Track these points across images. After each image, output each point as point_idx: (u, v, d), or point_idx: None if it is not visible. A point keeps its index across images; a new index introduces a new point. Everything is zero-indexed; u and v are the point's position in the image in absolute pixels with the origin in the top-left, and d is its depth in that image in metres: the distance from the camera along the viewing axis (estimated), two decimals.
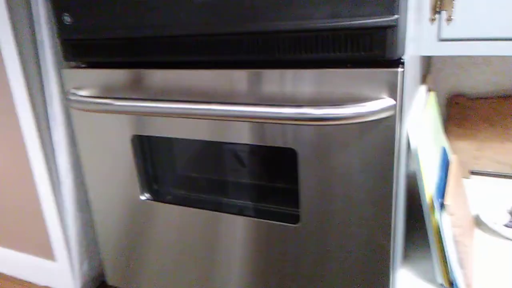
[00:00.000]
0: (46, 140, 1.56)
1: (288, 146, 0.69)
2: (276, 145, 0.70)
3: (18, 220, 1.77)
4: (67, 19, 0.77)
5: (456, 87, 1.10)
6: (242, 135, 0.72)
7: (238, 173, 0.89)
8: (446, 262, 0.74)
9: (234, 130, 0.73)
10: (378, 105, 0.59)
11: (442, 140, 0.93)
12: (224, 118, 0.66)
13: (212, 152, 0.91)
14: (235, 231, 0.81)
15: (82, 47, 0.80)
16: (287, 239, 0.75)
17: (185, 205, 0.84)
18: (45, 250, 1.77)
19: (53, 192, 1.61)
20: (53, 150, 1.58)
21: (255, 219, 0.78)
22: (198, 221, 0.84)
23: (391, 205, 0.65)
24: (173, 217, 0.86)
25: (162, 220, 0.88)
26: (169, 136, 0.79)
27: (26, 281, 1.88)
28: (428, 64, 1.04)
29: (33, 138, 1.53)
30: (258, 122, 0.66)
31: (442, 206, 0.78)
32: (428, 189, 0.73)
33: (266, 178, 0.88)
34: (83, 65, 0.85)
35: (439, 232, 0.74)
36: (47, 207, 1.64)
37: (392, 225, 0.66)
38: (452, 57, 1.09)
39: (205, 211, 0.82)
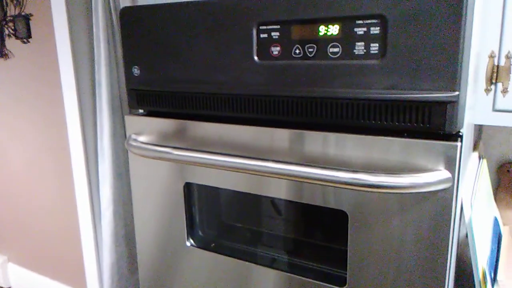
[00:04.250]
0: (93, 174, 1.63)
1: (340, 208, 0.70)
2: (327, 206, 0.71)
3: (57, 248, 1.82)
4: (136, 71, 0.83)
5: (507, 155, 1.08)
6: (293, 193, 0.74)
7: (284, 228, 0.90)
8: None
9: (285, 187, 0.74)
10: (436, 177, 0.59)
11: (493, 209, 0.91)
12: (279, 176, 0.68)
13: (260, 204, 0.92)
14: (277, 287, 0.80)
15: (146, 97, 0.85)
16: None
17: (228, 256, 0.85)
18: (78, 280, 1.80)
19: (93, 224, 1.66)
20: (98, 185, 1.64)
21: (300, 277, 0.77)
22: (241, 273, 0.84)
23: (444, 277, 0.63)
24: (215, 265, 0.87)
25: (204, 267, 0.88)
26: (220, 186, 0.81)
27: None
28: (479, 130, 1.04)
29: (81, 171, 1.60)
30: (312, 183, 0.68)
31: (494, 281, 0.75)
32: (481, 262, 0.71)
33: (313, 235, 0.88)
34: (144, 113, 0.90)
35: None
36: (85, 239, 1.68)
37: None
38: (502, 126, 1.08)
39: (247, 263, 0.83)
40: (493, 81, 0.81)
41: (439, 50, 0.57)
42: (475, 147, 0.94)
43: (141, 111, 0.93)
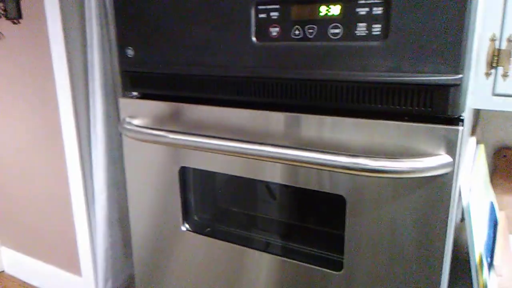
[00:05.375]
0: (86, 158, 1.61)
1: (337, 192, 0.69)
2: (325, 191, 0.70)
3: (50, 233, 1.80)
4: (129, 52, 0.80)
5: (504, 140, 1.08)
6: (290, 178, 0.73)
7: (279, 212, 0.89)
8: None
9: (282, 172, 0.73)
10: (437, 161, 0.58)
11: (489, 194, 0.91)
12: (276, 160, 0.66)
13: (256, 189, 0.91)
14: (273, 272, 0.80)
15: (140, 79, 0.83)
16: (328, 286, 0.74)
17: (224, 240, 0.84)
18: (72, 265, 1.79)
19: (86, 208, 1.65)
20: (91, 168, 1.62)
21: (296, 261, 0.77)
22: (236, 258, 0.83)
23: (441, 263, 0.63)
24: (210, 249, 0.86)
25: (199, 252, 0.88)
26: (216, 171, 0.80)
27: None
28: (477, 115, 1.03)
29: (74, 154, 1.58)
30: (311, 168, 0.67)
31: (490, 265, 0.75)
32: (478, 247, 0.71)
33: (309, 220, 0.87)
34: (138, 95, 0.88)
35: None
36: (79, 222, 1.67)
37: (441, 283, 0.64)
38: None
39: (243, 248, 0.82)
40: (494, 65, 0.80)
41: (443, 32, 0.56)
42: (472, 132, 0.94)
43: (135, 93, 0.91)
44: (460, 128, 0.58)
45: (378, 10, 0.59)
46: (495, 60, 0.79)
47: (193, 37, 0.75)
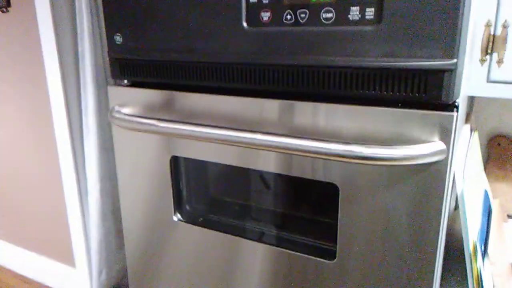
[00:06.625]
0: (78, 150, 1.59)
1: (330, 181, 0.68)
2: (317, 179, 0.69)
3: (43, 225, 1.79)
4: (118, 39, 0.78)
5: (498, 128, 1.07)
6: (283, 166, 0.72)
7: (272, 202, 0.88)
8: None
9: (275, 160, 0.72)
10: (430, 148, 0.57)
11: (483, 182, 0.91)
12: (268, 149, 0.65)
13: (249, 178, 0.90)
14: (265, 262, 0.79)
15: (129, 66, 0.81)
16: (321, 275, 0.74)
17: (216, 230, 0.83)
18: (66, 256, 1.78)
19: (79, 199, 1.63)
20: (83, 160, 1.60)
21: (289, 251, 0.76)
22: (229, 247, 0.83)
23: (435, 251, 0.63)
24: (202, 240, 0.85)
25: (192, 242, 0.87)
26: (207, 160, 0.79)
27: (44, 285, 1.90)
28: (471, 102, 1.02)
29: (66, 146, 1.56)
30: (304, 156, 0.66)
31: (484, 254, 0.75)
32: (472, 235, 0.71)
33: (302, 209, 0.86)
34: (127, 83, 0.87)
35: (480, 279, 0.71)
36: (72, 214, 1.66)
37: (435, 272, 0.64)
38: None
39: (236, 237, 0.81)
40: (489, 51, 0.79)
41: (437, 16, 0.54)
42: (467, 119, 0.93)
43: (125, 82, 0.89)
44: (454, 114, 0.57)
45: None
46: (490, 46, 0.78)
47: (182, 23, 0.73)
